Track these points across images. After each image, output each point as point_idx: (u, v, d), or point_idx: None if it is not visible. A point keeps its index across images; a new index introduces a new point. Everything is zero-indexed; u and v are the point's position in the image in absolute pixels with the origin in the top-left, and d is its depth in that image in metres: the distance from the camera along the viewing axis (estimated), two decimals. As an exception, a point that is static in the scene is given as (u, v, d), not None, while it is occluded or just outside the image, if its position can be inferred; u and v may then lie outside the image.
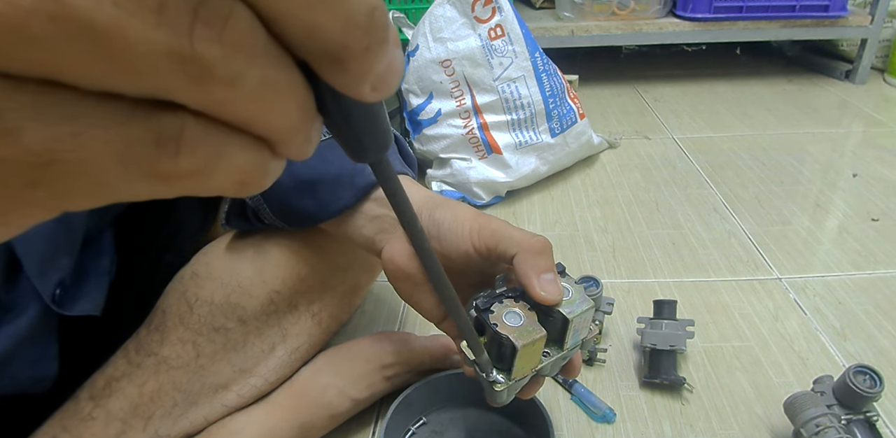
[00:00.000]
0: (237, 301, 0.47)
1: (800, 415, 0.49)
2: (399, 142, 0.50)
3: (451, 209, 0.41)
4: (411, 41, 0.98)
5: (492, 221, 0.39)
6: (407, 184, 0.45)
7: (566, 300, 0.36)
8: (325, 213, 0.45)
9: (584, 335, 0.39)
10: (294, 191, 0.45)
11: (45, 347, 0.40)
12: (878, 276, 0.77)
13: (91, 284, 0.45)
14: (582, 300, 0.36)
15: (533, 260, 0.36)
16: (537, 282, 0.35)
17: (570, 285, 0.37)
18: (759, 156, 1.13)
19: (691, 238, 0.87)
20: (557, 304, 0.36)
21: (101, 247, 0.48)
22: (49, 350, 0.40)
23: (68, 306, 0.40)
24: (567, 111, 0.98)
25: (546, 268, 0.36)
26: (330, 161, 0.45)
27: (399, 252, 0.41)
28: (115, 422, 0.44)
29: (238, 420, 0.49)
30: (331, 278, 0.53)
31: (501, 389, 0.37)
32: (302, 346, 0.52)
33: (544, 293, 0.35)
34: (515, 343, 0.34)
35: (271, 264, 0.49)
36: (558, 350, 0.38)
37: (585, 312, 0.36)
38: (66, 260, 0.39)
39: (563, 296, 0.36)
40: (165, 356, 0.46)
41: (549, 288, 0.35)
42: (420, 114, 0.97)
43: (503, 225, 0.39)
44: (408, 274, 0.40)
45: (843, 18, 1.43)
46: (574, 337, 0.37)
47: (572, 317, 0.35)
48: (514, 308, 0.36)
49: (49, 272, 0.37)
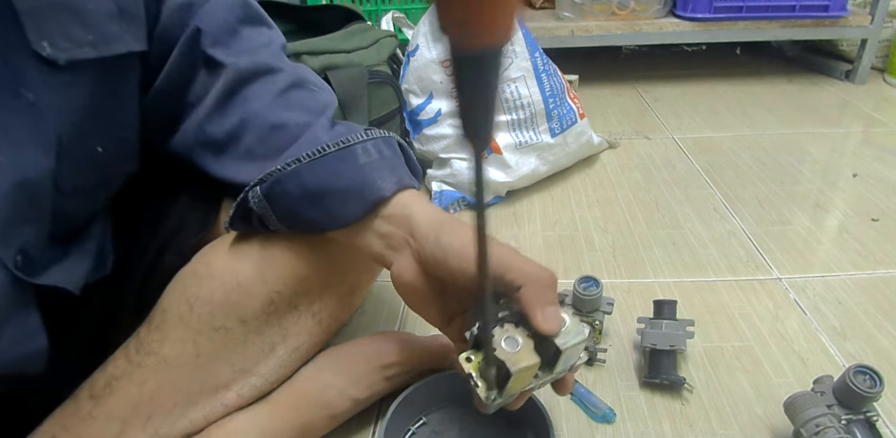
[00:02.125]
0: (237, 300, 0.47)
1: (800, 415, 0.49)
2: (405, 151, 0.50)
3: (458, 234, 0.42)
4: (411, 41, 0.98)
5: (498, 248, 0.40)
6: (415, 200, 0.46)
7: (563, 330, 0.38)
8: (332, 224, 0.46)
9: (574, 361, 0.41)
10: (302, 201, 0.45)
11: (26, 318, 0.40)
12: (878, 276, 0.77)
13: (70, 261, 0.45)
14: (577, 332, 0.38)
15: (539, 293, 0.38)
16: (541, 315, 0.37)
17: (567, 316, 0.39)
18: (759, 156, 1.13)
19: (691, 238, 0.87)
20: (555, 335, 0.38)
21: (89, 233, 0.48)
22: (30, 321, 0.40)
23: (36, 275, 0.40)
24: (567, 111, 0.98)
25: (550, 301, 0.38)
26: (339, 173, 0.45)
27: (408, 269, 0.44)
28: (114, 421, 0.44)
29: (238, 419, 0.49)
30: (331, 278, 0.53)
31: (489, 404, 0.40)
32: (302, 346, 0.52)
33: (545, 325, 0.37)
34: (511, 368, 0.37)
35: (272, 264, 0.49)
36: (548, 373, 0.40)
37: (578, 344, 0.38)
38: (29, 228, 0.39)
39: (560, 325, 0.38)
40: (166, 355, 0.46)
41: (550, 321, 0.37)
42: (420, 114, 0.97)
43: (510, 253, 0.40)
44: (415, 288, 0.44)
45: (843, 18, 1.43)
46: (564, 363, 0.40)
47: (565, 349, 0.38)
48: (513, 333, 0.39)
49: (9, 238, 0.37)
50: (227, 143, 0.49)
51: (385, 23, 1.19)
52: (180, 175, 0.55)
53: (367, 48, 0.93)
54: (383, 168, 0.46)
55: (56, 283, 0.41)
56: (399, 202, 0.45)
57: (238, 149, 0.49)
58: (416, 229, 0.44)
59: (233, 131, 0.49)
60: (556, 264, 0.82)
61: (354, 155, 0.45)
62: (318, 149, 0.45)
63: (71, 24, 0.38)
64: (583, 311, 0.64)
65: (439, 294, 0.45)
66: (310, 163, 0.45)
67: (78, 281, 0.44)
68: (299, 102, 0.49)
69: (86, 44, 0.39)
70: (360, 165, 0.45)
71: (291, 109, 0.49)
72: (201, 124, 0.50)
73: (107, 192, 0.50)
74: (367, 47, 0.93)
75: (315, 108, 0.49)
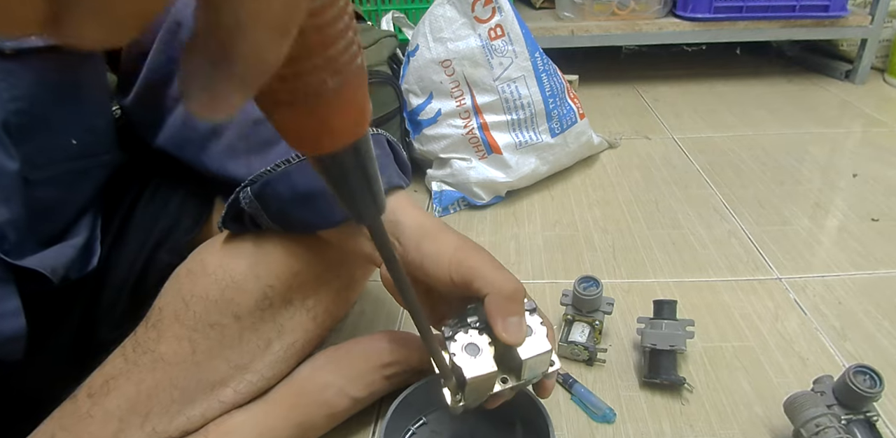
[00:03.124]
0: (231, 296, 0.47)
1: (800, 415, 0.49)
2: (394, 149, 0.50)
3: (436, 241, 0.43)
4: (411, 41, 0.97)
5: (470, 256, 0.41)
6: (402, 204, 0.46)
7: (528, 339, 0.38)
8: (322, 224, 0.46)
9: (542, 370, 0.41)
10: (292, 202, 0.46)
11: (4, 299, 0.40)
12: (878, 276, 0.77)
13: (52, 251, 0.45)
14: (541, 343, 0.39)
15: (502, 304, 0.38)
16: (501, 324, 0.38)
17: (535, 325, 0.39)
18: (759, 156, 1.13)
19: (691, 238, 0.87)
20: (518, 345, 0.38)
21: (77, 227, 0.49)
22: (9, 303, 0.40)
23: (14, 255, 0.40)
24: (567, 111, 0.98)
25: (512, 312, 0.38)
26: None
27: None
28: (112, 420, 0.44)
29: (236, 418, 0.49)
30: (325, 273, 0.53)
31: (454, 405, 0.40)
32: (297, 342, 0.52)
33: (506, 335, 0.38)
34: (465, 374, 0.37)
35: (265, 259, 0.49)
36: (516, 380, 0.40)
37: (541, 355, 0.38)
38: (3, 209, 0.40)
39: (524, 338, 0.38)
40: (162, 353, 0.46)
41: (511, 331, 0.38)
42: (420, 114, 0.97)
43: (481, 261, 0.40)
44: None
45: (843, 18, 1.43)
46: (530, 372, 0.40)
47: (525, 359, 0.38)
48: (476, 340, 0.39)
49: None
50: (209, 139, 0.50)
51: (385, 23, 1.19)
52: (173, 171, 0.55)
53: (367, 48, 0.93)
54: None
55: (33, 266, 0.42)
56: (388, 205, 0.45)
57: (219, 144, 0.49)
58: (402, 234, 0.44)
59: (213, 127, 0.49)
60: (556, 264, 0.82)
61: None
62: None
63: None
64: (583, 311, 0.63)
65: (426, 295, 0.46)
66: (299, 163, 0.45)
67: (57, 268, 0.45)
68: None
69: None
70: None
71: None
72: (184, 120, 0.50)
73: (91, 184, 0.51)
74: (367, 47, 0.93)
75: None
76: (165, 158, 0.53)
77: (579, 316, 0.64)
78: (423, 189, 1.04)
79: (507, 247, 0.86)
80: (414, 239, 0.43)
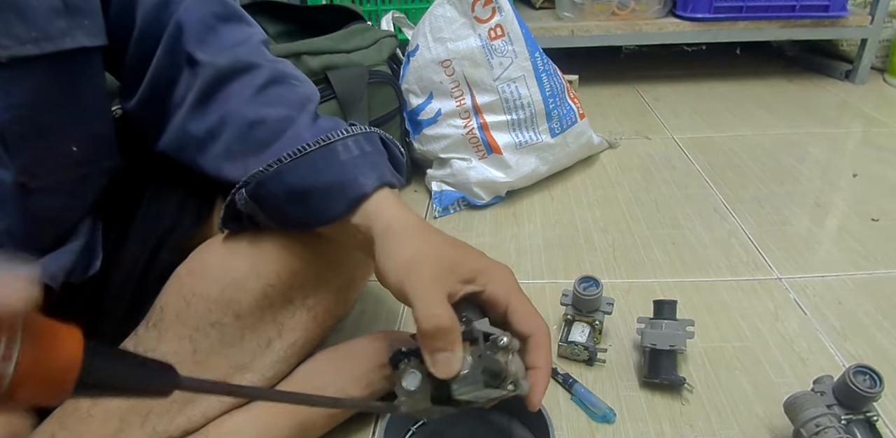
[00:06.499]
0: (232, 295, 0.47)
1: (800, 415, 0.49)
2: (388, 146, 0.50)
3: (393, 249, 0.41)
4: (411, 41, 0.98)
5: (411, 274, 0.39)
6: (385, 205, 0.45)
7: (463, 373, 0.37)
8: (317, 221, 0.46)
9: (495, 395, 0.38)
10: (287, 201, 0.46)
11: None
12: (878, 276, 0.77)
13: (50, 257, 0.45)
14: (474, 380, 0.37)
15: (427, 340, 0.37)
16: (429, 359, 0.37)
17: (473, 357, 0.37)
18: (759, 156, 1.13)
19: (691, 238, 0.87)
20: (450, 379, 0.37)
21: (75, 232, 0.49)
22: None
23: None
24: (567, 111, 0.98)
25: (437, 349, 0.37)
26: (320, 171, 0.45)
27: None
28: (113, 419, 0.44)
29: (237, 417, 0.49)
30: (325, 272, 0.53)
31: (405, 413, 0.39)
32: (298, 341, 0.52)
33: (434, 370, 0.37)
34: (401, 407, 0.38)
35: (265, 258, 0.49)
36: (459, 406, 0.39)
37: (475, 392, 0.37)
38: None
39: (455, 372, 0.37)
40: (163, 352, 0.46)
41: (438, 368, 0.37)
42: (420, 114, 0.97)
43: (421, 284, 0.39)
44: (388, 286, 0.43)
45: (843, 18, 1.43)
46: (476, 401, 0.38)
47: (457, 396, 0.37)
48: (417, 369, 0.38)
49: None
50: (207, 142, 0.50)
51: (385, 23, 1.19)
52: (173, 172, 0.55)
53: (367, 48, 0.93)
54: (364, 164, 0.46)
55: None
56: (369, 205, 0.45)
57: (217, 147, 0.49)
58: (375, 235, 0.44)
59: (212, 129, 0.49)
60: (556, 264, 0.82)
61: (335, 152, 0.45)
62: (300, 148, 0.45)
63: (12, 22, 0.38)
64: (583, 311, 0.64)
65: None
66: (291, 162, 0.45)
67: (57, 275, 0.45)
68: (278, 97, 0.50)
69: (28, 41, 0.39)
70: (341, 162, 0.45)
71: (271, 105, 0.49)
72: (184, 123, 0.50)
73: (92, 190, 0.51)
74: (367, 47, 0.93)
75: (295, 102, 0.49)
76: (166, 160, 0.53)
77: (579, 316, 0.64)
78: (423, 189, 1.04)
79: (507, 247, 0.86)
80: (379, 242, 0.43)
